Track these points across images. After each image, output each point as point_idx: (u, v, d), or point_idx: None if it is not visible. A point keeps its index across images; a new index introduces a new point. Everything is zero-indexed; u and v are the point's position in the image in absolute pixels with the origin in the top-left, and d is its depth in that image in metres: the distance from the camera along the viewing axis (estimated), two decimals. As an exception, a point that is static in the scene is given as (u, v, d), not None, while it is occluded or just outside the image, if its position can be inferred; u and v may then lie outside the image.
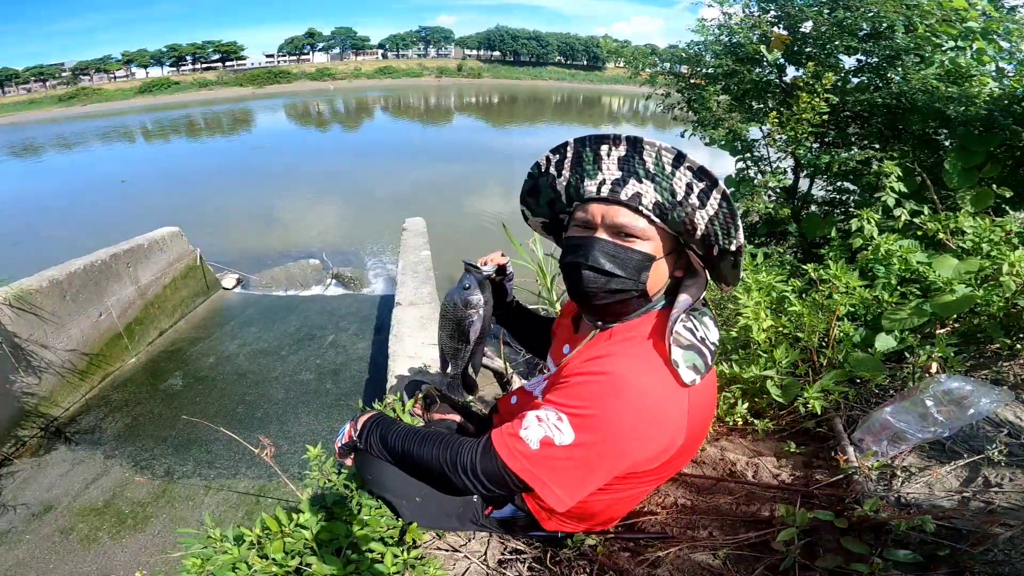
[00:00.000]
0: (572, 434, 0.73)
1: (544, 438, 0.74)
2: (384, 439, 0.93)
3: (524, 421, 0.77)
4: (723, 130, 2.62)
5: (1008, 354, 1.46)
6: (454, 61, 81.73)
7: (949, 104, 1.97)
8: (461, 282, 1.02)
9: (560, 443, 0.73)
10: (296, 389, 3.96)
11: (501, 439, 0.77)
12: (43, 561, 2.52)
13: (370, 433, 0.96)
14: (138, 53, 65.42)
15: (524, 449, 0.74)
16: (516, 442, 0.75)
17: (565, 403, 0.75)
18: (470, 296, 1.01)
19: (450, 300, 1.03)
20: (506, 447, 0.76)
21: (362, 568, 0.95)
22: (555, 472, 0.74)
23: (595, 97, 54.31)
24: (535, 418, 0.76)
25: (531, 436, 0.74)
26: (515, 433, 0.76)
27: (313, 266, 6.68)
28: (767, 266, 1.88)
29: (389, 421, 0.97)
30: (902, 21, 2.12)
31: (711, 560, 1.04)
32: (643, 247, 0.78)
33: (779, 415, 1.49)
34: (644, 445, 0.76)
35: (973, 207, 1.89)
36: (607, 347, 0.83)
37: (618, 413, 0.72)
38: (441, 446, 0.84)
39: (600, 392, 0.73)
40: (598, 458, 0.74)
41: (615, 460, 0.76)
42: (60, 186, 13.37)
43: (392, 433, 0.93)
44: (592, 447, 0.73)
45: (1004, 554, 0.87)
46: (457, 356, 1.09)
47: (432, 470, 0.84)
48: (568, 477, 0.75)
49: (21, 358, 3.39)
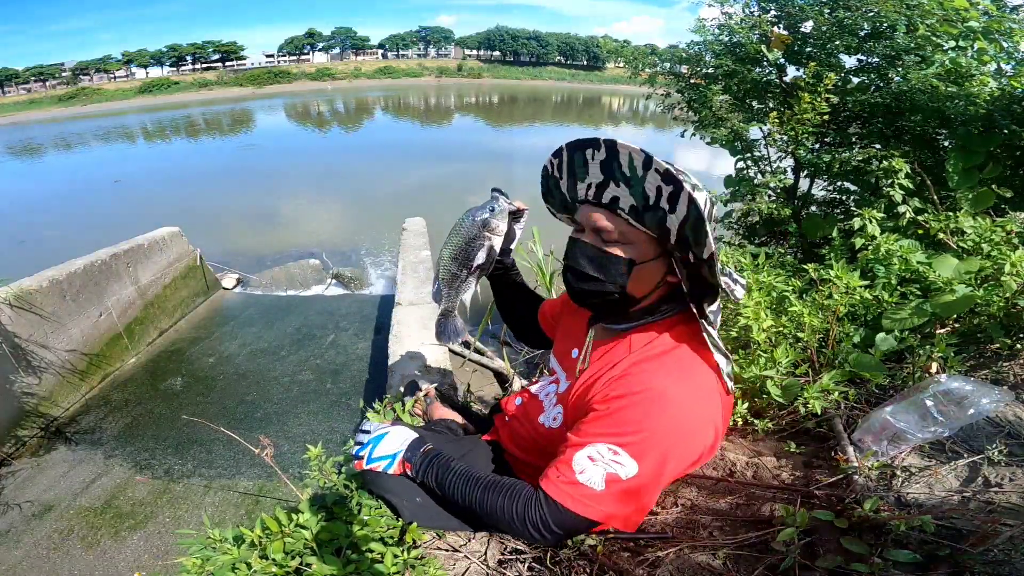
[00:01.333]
0: (635, 464, 0.72)
1: (608, 476, 0.73)
2: (442, 484, 0.91)
3: (574, 464, 0.76)
4: (724, 130, 2.62)
5: (1008, 354, 1.46)
6: (454, 61, 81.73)
7: (949, 104, 1.97)
8: (486, 204, 0.98)
9: (626, 476, 0.73)
10: (296, 389, 3.96)
11: (560, 491, 0.76)
12: (43, 561, 2.52)
13: (425, 474, 0.93)
14: (138, 53, 65.42)
15: (590, 493, 0.74)
16: (578, 489, 0.75)
17: (615, 434, 0.74)
18: (491, 218, 0.97)
19: (469, 216, 0.99)
20: (570, 497, 0.75)
21: (362, 568, 0.95)
22: (626, 503, 0.75)
23: (595, 97, 54.29)
24: (587, 459, 0.75)
25: (593, 478, 0.74)
26: (573, 481, 0.75)
27: (313, 266, 6.68)
28: (767, 266, 1.88)
29: (444, 462, 0.93)
30: (903, 21, 2.12)
31: (711, 560, 1.04)
32: (623, 250, 0.78)
33: (779, 415, 1.49)
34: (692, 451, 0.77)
35: (974, 207, 1.89)
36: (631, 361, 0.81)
37: (666, 426, 0.73)
38: (504, 496, 0.82)
39: (645, 412, 0.73)
40: (662, 475, 0.76)
41: (677, 469, 0.78)
42: (60, 186, 13.37)
43: (449, 478, 0.90)
44: (655, 468, 0.74)
45: (1004, 554, 0.86)
46: (453, 283, 1.04)
47: (499, 521, 0.82)
48: (638, 501, 0.76)
49: (21, 358, 3.39)
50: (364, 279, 6.57)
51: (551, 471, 0.79)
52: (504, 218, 0.98)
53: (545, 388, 1.05)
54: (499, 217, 0.97)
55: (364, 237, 8.15)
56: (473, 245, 0.99)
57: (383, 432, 0.99)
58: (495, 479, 0.86)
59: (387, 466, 0.96)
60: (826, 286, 1.60)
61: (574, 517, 0.75)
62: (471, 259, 1.00)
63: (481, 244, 0.99)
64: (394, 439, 0.98)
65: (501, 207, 0.97)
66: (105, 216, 9.42)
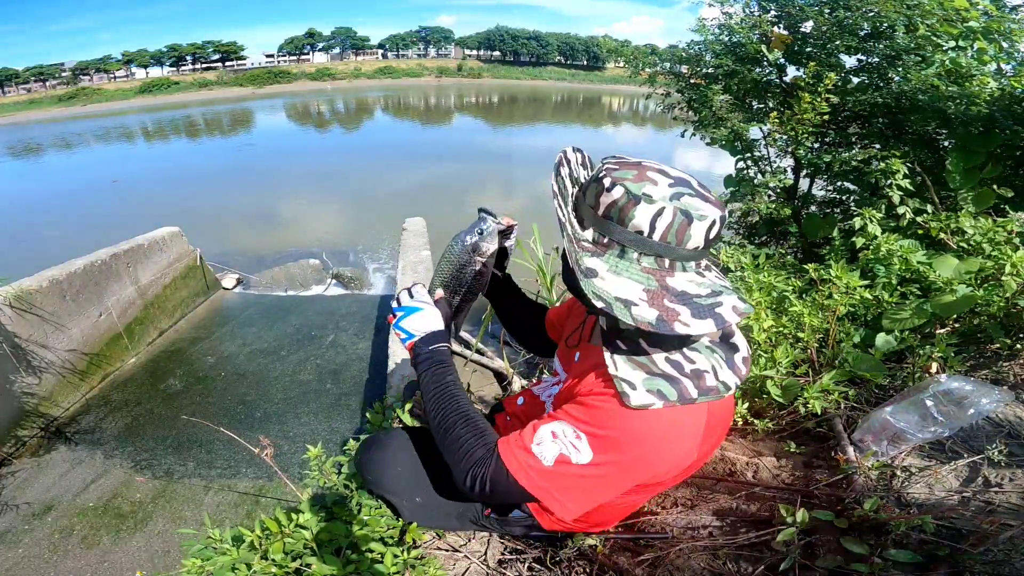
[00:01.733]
0: (590, 453, 0.72)
1: (560, 456, 0.73)
2: (427, 387, 0.89)
3: (536, 435, 0.76)
4: (724, 130, 2.62)
5: (1008, 354, 1.46)
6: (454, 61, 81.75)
7: (950, 104, 1.97)
8: (474, 226, 0.95)
9: (577, 461, 0.72)
10: (296, 389, 3.96)
11: (510, 452, 0.76)
12: (43, 561, 2.52)
13: (420, 367, 0.91)
14: (138, 53, 65.44)
15: (537, 465, 0.74)
16: (528, 457, 0.74)
17: (584, 421, 0.73)
18: (480, 242, 0.95)
19: (458, 242, 0.96)
20: (516, 460, 0.75)
21: (362, 568, 0.95)
22: (567, 488, 0.74)
23: (595, 97, 54.29)
24: (550, 433, 0.75)
25: (545, 452, 0.74)
26: (527, 447, 0.75)
27: (313, 266, 6.68)
28: (768, 266, 1.88)
29: (443, 370, 0.90)
30: (903, 21, 2.12)
31: (711, 560, 1.04)
32: None
33: (779, 415, 1.49)
34: (659, 464, 0.75)
35: (975, 207, 1.89)
36: None
37: (636, 434, 0.71)
38: (474, 435, 0.81)
39: (621, 414, 0.72)
40: (613, 477, 0.74)
41: (630, 479, 0.75)
42: (60, 186, 13.37)
43: (439, 387, 0.88)
44: (609, 466, 0.73)
45: (1004, 554, 0.87)
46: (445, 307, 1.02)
47: (452, 452, 0.82)
48: (580, 493, 0.75)
49: (21, 358, 3.39)
50: (364, 279, 6.57)
51: (513, 434, 0.79)
52: (494, 239, 0.96)
53: (548, 389, 1.05)
54: (488, 239, 0.95)
55: (364, 237, 8.16)
56: (464, 271, 0.97)
57: (419, 307, 0.96)
58: (475, 415, 0.85)
59: (404, 339, 0.95)
60: (826, 286, 1.60)
61: (511, 482, 0.75)
62: (463, 284, 0.98)
63: (472, 269, 0.97)
64: (422, 320, 0.95)
65: (489, 228, 0.95)
66: (105, 216, 9.42)
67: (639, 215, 0.66)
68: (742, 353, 0.79)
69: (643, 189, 0.66)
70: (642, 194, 0.66)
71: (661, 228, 0.66)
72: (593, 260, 0.70)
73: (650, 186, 0.66)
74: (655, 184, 0.67)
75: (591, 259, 0.70)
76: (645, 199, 0.66)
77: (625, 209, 0.67)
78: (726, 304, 0.68)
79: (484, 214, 0.97)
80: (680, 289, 0.68)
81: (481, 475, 0.77)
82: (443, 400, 0.87)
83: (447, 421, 0.84)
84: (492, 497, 0.78)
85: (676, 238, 0.66)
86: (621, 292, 0.67)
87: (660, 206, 0.65)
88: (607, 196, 0.68)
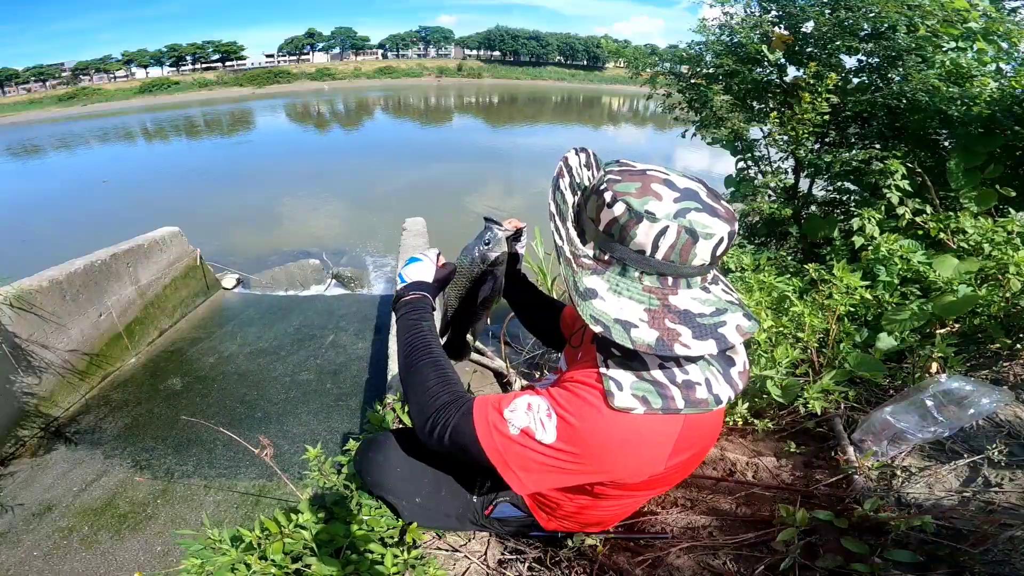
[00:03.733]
0: (553, 436, 0.71)
1: (526, 428, 0.72)
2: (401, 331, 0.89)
3: (514, 402, 0.75)
4: (725, 130, 2.62)
5: (1008, 354, 1.46)
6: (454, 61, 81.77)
7: (951, 104, 1.97)
8: (481, 237, 0.96)
9: (539, 439, 0.72)
10: (296, 389, 3.96)
11: (483, 411, 0.76)
12: (43, 561, 2.52)
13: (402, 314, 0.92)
14: (138, 53, 65.44)
15: (503, 430, 0.73)
16: (498, 419, 0.74)
17: (560, 404, 0.73)
18: (489, 252, 0.95)
19: (467, 255, 0.97)
20: (485, 420, 0.75)
21: (362, 569, 0.95)
22: (523, 461, 0.74)
23: (595, 97, 54.31)
24: (526, 404, 0.74)
25: (515, 420, 0.73)
26: (499, 410, 0.75)
27: (313, 266, 6.68)
28: (768, 266, 1.88)
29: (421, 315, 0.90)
30: (903, 21, 2.12)
31: (711, 560, 1.04)
32: None
33: (779, 415, 1.49)
34: (617, 469, 0.75)
35: (976, 207, 1.89)
36: None
37: (599, 432, 0.71)
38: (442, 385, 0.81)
39: (590, 406, 0.71)
40: (568, 468, 0.73)
41: (584, 475, 0.75)
42: (60, 186, 13.38)
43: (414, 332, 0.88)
44: (567, 455, 0.72)
45: (1004, 554, 0.86)
46: (462, 318, 1.03)
47: (417, 397, 0.81)
48: (535, 470, 0.74)
49: (21, 358, 3.39)
50: (364, 279, 6.57)
51: (492, 395, 0.79)
52: (501, 247, 0.96)
53: (548, 383, 1.04)
54: (496, 248, 0.95)
55: (364, 237, 8.16)
56: (477, 283, 0.98)
57: (419, 258, 0.98)
58: (446, 365, 0.85)
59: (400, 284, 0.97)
60: (826, 286, 1.61)
61: (473, 439, 0.74)
62: (478, 296, 0.99)
63: (484, 279, 0.98)
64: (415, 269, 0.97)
65: (496, 237, 0.95)
66: (105, 216, 9.42)
67: (641, 234, 0.63)
68: (739, 367, 0.77)
69: (646, 206, 0.63)
70: (644, 212, 0.63)
71: (664, 248, 0.63)
72: (592, 279, 0.68)
73: (654, 202, 0.63)
74: (659, 199, 0.63)
75: (590, 277, 0.69)
76: (648, 217, 0.62)
77: (627, 227, 0.64)
78: (730, 324, 0.66)
79: (489, 223, 0.97)
80: (683, 308, 0.66)
81: (444, 422, 0.76)
82: (414, 343, 0.87)
83: (416, 363, 0.84)
84: (447, 448, 0.77)
85: (680, 257, 0.64)
86: (621, 313, 0.65)
87: (663, 225, 0.62)
88: (608, 212, 0.65)
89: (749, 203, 2.67)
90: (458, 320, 1.05)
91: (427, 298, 0.94)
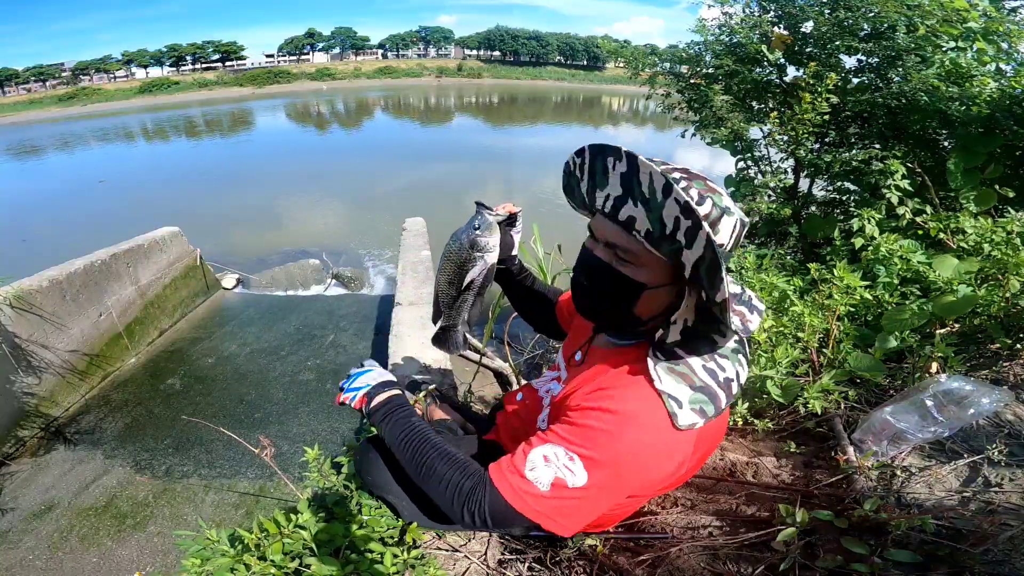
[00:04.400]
0: (585, 476, 0.71)
1: (556, 480, 0.72)
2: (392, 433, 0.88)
3: (528, 459, 0.74)
4: (724, 130, 2.62)
5: (1008, 354, 1.46)
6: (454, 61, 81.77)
7: (951, 104, 1.97)
8: (471, 222, 0.94)
9: (573, 484, 0.72)
10: (296, 389, 3.96)
11: (503, 478, 0.75)
12: (43, 561, 2.52)
13: (377, 415, 0.90)
14: (138, 53, 65.44)
15: (533, 491, 0.73)
16: (523, 483, 0.73)
17: (576, 443, 0.73)
18: (478, 237, 0.93)
19: (456, 240, 0.96)
20: (511, 489, 0.74)
21: (361, 569, 0.95)
22: (565, 511, 0.74)
23: (595, 97, 54.29)
24: (542, 457, 0.74)
25: (541, 478, 0.73)
26: (521, 473, 0.74)
27: (313, 266, 6.68)
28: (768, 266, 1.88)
29: (406, 414, 0.89)
30: (903, 21, 2.12)
31: (711, 560, 1.04)
32: (635, 272, 0.73)
33: (779, 415, 1.49)
34: (650, 477, 0.76)
35: (976, 207, 1.89)
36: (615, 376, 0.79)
37: (628, 452, 0.71)
38: (455, 469, 0.80)
39: (611, 431, 0.71)
40: (608, 493, 0.74)
41: (623, 493, 0.76)
42: (60, 186, 13.37)
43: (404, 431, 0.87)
44: (603, 485, 0.72)
45: (1004, 554, 0.86)
46: (452, 305, 1.02)
47: (439, 493, 0.81)
48: (577, 513, 0.74)
49: (21, 358, 3.39)
50: (364, 279, 6.57)
51: (504, 459, 0.78)
52: (493, 232, 0.95)
53: (546, 384, 1.04)
54: (486, 233, 0.94)
55: (364, 237, 8.16)
56: (466, 268, 0.96)
57: (367, 369, 0.98)
58: (451, 450, 0.84)
59: (352, 399, 0.95)
60: (826, 286, 1.61)
61: (510, 510, 0.74)
62: (468, 282, 0.98)
63: (473, 264, 0.96)
64: (368, 377, 0.96)
65: (486, 221, 0.94)
66: (105, 216, 9.42)
67: (725, 227, 0.67)
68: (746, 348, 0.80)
69: (723, 201, 0.67)
70: (725, 207, 0.67)
71: (735, 238, 0.68)
72: None
73: (724, 198, 0.67)
74: (721, 194, 0.68)
75: None
76: (727, 213, 0.67)
77: (715, 223, 0.67)
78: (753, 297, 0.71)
79: (480, 208, 0.96)
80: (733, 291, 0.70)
81: (478, 508, 0.75)
82: (413, 442, 0.85)
83: (425, 463, 0.82)
84: (494, 527, 0.77)
85: (734, 243, 0.69)
86: None
87: (736, 217, 0.67)
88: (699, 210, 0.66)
89: (749, 203, 2.67)
90: (448, 306, 1.03)
91: (399, 395, 0.93)
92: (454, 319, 1.05)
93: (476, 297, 1.02)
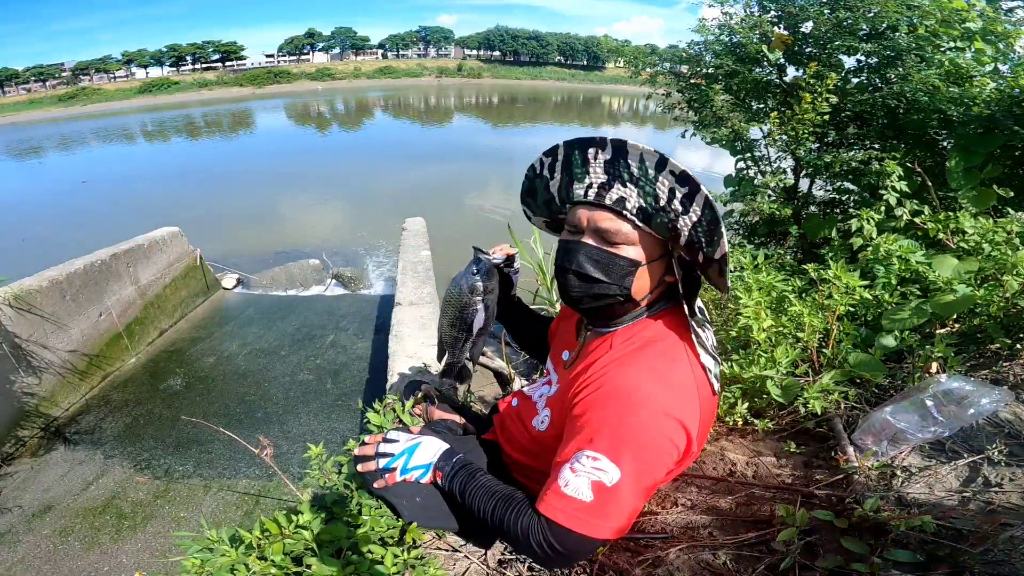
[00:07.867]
0: (616, 468, 0.71)
1: (594, 485, 0.71)
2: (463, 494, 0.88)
3: (560, 478, 0.74)
4: (724, 129, 2.62)
5: (1008, 354, 1.46)
6: (454, 61, 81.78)
7: (950, 104, 1.97)
8: (469, 267, 0.98)
9: (611, 483, 0.71)
10: (296, 389, 3.96)
11: (551, 507, 0.74)
12: (43, 561, 2.52)
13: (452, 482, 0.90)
14: (138, 53, 65.45)
15: (580, 505, 0.72)
16: (567, 502, 0.73)
17: (589, 440, 0.73)
18: (477, 282, 0.97)
19: (456, 285, 0.99)
20: (561, 512, 0.73)
21: (362, 569, 0.95)
22: (619, 513, 0.73)
23: (595, 97, 54.30)
24: (569, 471, 0.73)
25: (580, 488, 0.72)
26: (560, 494, 0.73)
27: (313, 266, 6.68)
28: (768, 266, 1.88)
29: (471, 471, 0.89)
30: (903, 21, 2.12)
31: (711, 560, 1.04)
32: (628, 252, 0.78)
33: (779, 415, 1.49)
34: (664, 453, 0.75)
35: (975, 207, 1.89)
36: (608, 360, 0.81)
37: (643, 426, 0.71)
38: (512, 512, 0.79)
39: (620, 414, 0.72)
40: (646, 474, 0.73)
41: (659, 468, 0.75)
42: (59, 186, 13.39)
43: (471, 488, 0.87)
44: (636, 468, 0.72)
45: (1004, 554, 0.86)
46: (456, 345, 1.05)
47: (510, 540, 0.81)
48: (628, 506, 0.74)
49: (21, 358, 3.39)
50: (364, 279, 6.57)
51: (543, 492, 0.78)
52: (491, 276, 0.98)
53: (538, 389, 1.05)
54: (485, 277, 0.97)
55: (364, 237, 8.16)
56: (467, 312, 0.99)
57: (416, 443, 0.95)
58: (508, 493, 0.84)
59: (421, 475, 0.93)
60: (826, 286, 1.61)
61: (571, 535, 0.73)
62: (469, 324, 1.00)
63: (476, 309, 0.99)
64: (428, 449, 0.94)
65: (485, 266, 0.97)
66: (105, 216, 9.43)
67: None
68: None
69: None
70: None
71: None
72: None
73: None
74: None
75: None
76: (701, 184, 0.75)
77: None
78: None
79: (478, 253, 0.99)
80: None
81: (545, 543, 0.74)
82: (478, 495, 0.85)
83: (491, 513, 0.82)
84: (568, 557, 0.75)
85: None
86: None
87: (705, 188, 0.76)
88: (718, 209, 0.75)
89: (749, 203, 2.67)
90: (452, 346, 1.06)
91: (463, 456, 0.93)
92: (459, 356, 1.08)
93: (479, 336, 1.04)
